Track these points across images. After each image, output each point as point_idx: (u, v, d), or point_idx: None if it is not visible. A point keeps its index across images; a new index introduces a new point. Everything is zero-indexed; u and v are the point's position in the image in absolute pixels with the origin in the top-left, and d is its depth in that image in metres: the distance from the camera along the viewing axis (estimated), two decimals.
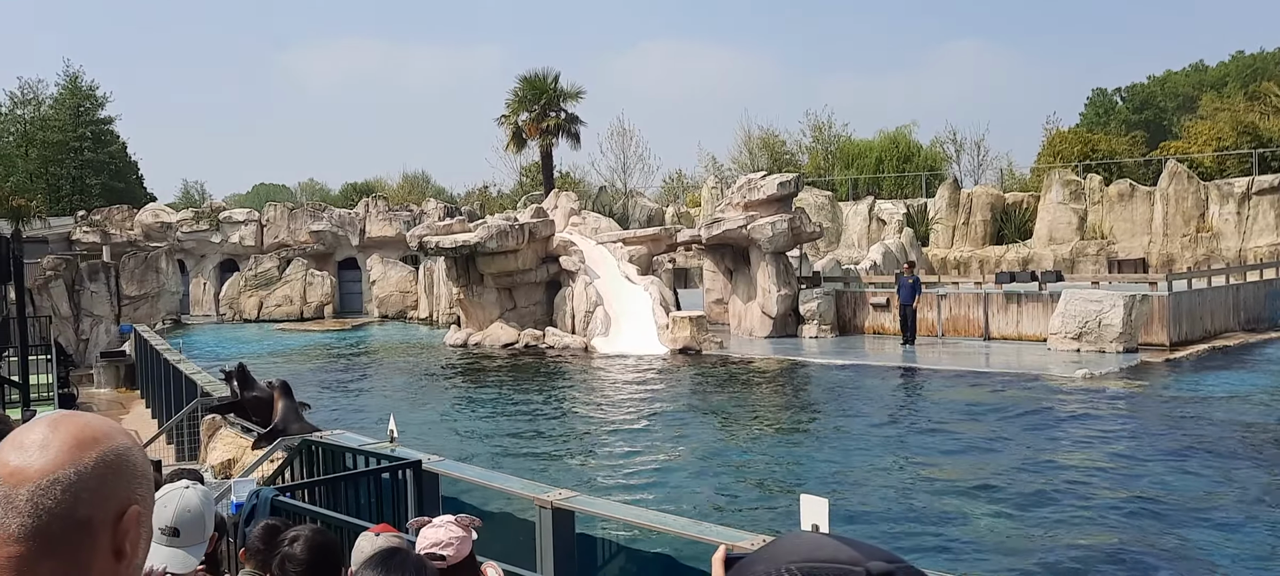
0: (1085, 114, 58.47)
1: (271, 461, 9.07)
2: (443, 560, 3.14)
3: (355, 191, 53.19)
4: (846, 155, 45.24)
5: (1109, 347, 18.97)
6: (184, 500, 2.68)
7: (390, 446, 7.52)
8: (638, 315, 24.40)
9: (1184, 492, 9.98)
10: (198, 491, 2.76)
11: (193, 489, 2.77)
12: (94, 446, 1.20)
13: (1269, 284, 22.91)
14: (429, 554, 3.14)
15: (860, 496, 10.24)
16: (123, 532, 1.20)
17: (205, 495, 2.80)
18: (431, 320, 34.09)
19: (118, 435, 1.25)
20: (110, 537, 1.18)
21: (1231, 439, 12.26)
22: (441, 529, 3.25)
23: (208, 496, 2.84)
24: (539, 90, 41.45)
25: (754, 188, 25.17)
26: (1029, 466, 11.21)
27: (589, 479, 11.42)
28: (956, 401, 15.51)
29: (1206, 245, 31.55)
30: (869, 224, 37.89)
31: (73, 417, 1.24)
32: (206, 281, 39.50)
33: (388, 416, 8.49)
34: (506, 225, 26.25)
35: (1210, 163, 34.30)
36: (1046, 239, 34.51)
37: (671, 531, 5.84)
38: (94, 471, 1.18)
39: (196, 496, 2.73)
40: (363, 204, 40.83)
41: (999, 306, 22.26)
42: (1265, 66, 50.77)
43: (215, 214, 40.54)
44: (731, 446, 13.17)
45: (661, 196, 49.48)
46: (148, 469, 1.29)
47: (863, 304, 24.73)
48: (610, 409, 16.41)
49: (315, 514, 5.92)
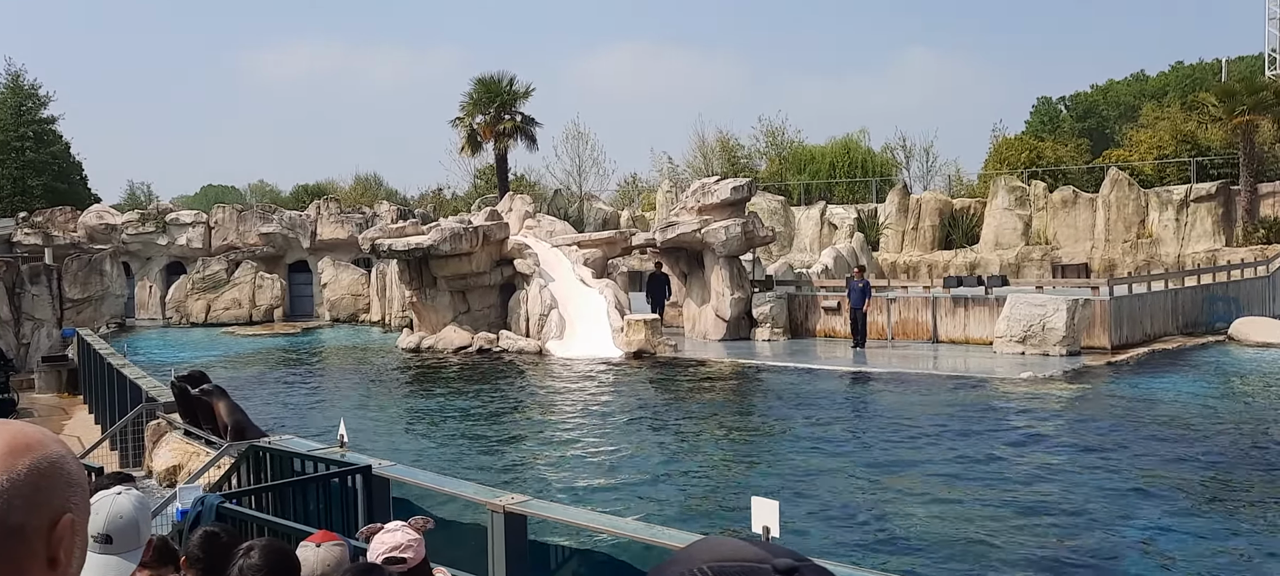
0: (1031, 122, 59.54)
1: (217, 467, 8.97)
2: (403, 563, 3.15)
3: (307, 193, 52.50)
4: (799, 160, 45.63)
5: (1052, 351, 19.39)
6: (116, 506, 2.56)
7: (340, 451, 7.47)
8: (592, 318, 24.42)
9: (1121, 493, 10.25)
10: (131, 496, 2.70)
11: (125, 494, 2.69)
12: (26, 454, 1.20)
13: (1206, 289, 23.56)
14: (389, 559, 3.14)
15: (811, 498, 10.37)
16: (57, 541, 1.20)
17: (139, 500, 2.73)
18: (384, 323, 33.81)
19: (51, 443, 1.25)
20: (44, 546, 1.19)
21: (1170, 439, 12.61)
22: (398, 533, 3.25)
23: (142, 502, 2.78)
24: (494, 93, 41.31)
25: (708, 192, 25.33)
26: (974, 467, 11.44)
27: (542, 483, 11.43)
28: (905, 404, 15.76)
29: (1146, 251, 32.35)
30: (821, 228, 38.30)
31: (5, 425, 1.23)
32: (152, 284, 38.77)
33: (338, 421, 8.44)
34: (460, 228, 26.13)
35: (1150, 170, 35.19)
36: (993, 244, 35.16)
37: (624, 535, 5.89)
38: (27, 479, 1.18)
39: (129, 502, 2.66)
40: (314, 206, 40.34)
41: (947, 310, 22.65)
42: (1203, 77, 52.11)
43: (162, 215, 39.79)
44: (684, 449, 13.25)
45: (617, 200, 49.53)
46: (82, 478, 1.29)
47: (815, 307, 25.01)
48: (564, 412, 16.42)
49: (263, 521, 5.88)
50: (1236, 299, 23.59)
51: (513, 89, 41.59)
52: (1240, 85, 34.69)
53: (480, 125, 41.52)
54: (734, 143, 46.92)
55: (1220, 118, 33.87)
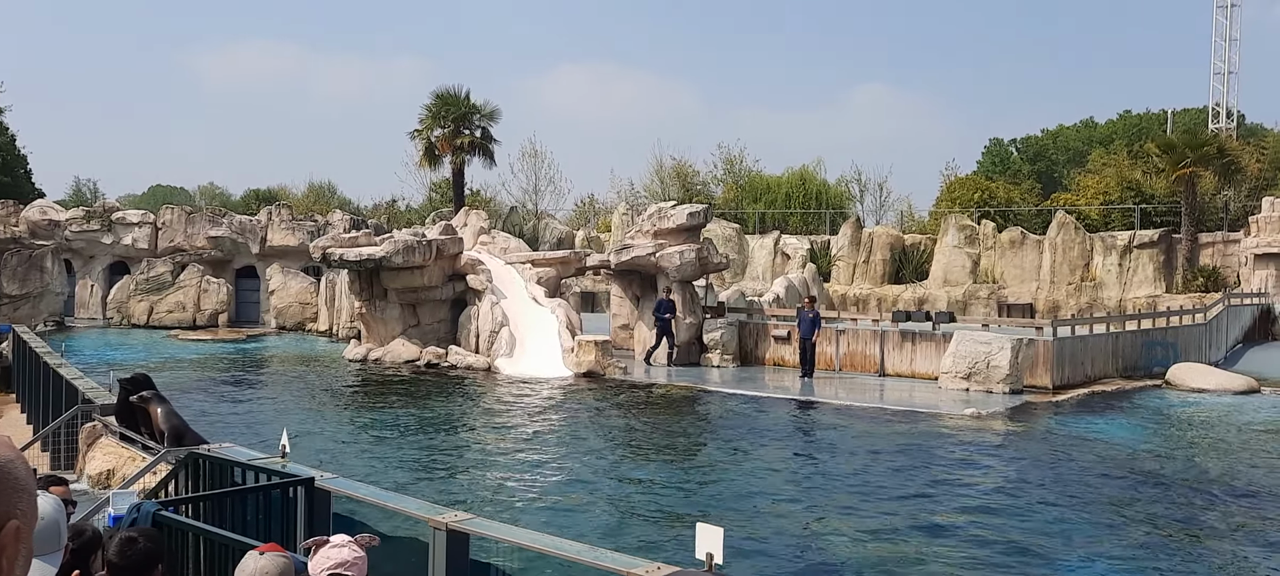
0: (982, 162, 60.74)
1: (154, 474, 8.78)
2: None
3: (258, 198, 51.85)
4: (755, 189, 46.06)
5: (996, 388, 19.70)
6: None
7: (282, 462, 7.36)
8: (543, 337, 24.34)
9: (1057, 529, 10.43)
10: (48, 499, 2.70)
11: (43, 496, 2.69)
12: None
13: (1145, 333, 24.11)
14: (333, 574, 3.11)
15: (755, 525, 10.41)
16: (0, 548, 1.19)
17: (57, 504, 2.73)
18: (331, 333, 33.39)
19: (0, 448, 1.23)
20: None
21: (1107, 480, 12.86)
22: (344, 548, 3.21)
23: (60, 505, 2.78)
24: (453, 106, 41.18)
25: (664, 216, 25.43)
26: (913, 499, 11.56)
27: (486, 501, 11.34)
28: (850, 434, 15.90)
29: (1090, 293, 33.08)
30: (774, 257, 38.63)
31: None
32: (94, 283, 37.92)
33: (281, 431, 8.31)
34: (414, 240, 25.93)
35: (1096, 215, 36.06)
36: (941, 280, 35.71)
37: (567, 556, 5.86)
38: None
39: (48, 503, 2.66)
40: (265, 211, 39.79)
41: (894, 344, 22.93)
42: (1149, 126, 53.58)
43: (107, 214, 38.97)
44: (631, 473, 13.23)
45: (573, 220, 49.55)
46: (31, 483, 1.27)
47: (765, 336, 25.17)
48: (511, 430, 16.32)
49: (199, 530, 5.77)
50: (1175, 344, 24.17)
51: (471, 103, 41.49)
52: (1184, 137, 35.77)
53: (439, 138, 41.36)
54: (689, 169, 47.23)
55: (1164, 168, 34.85)
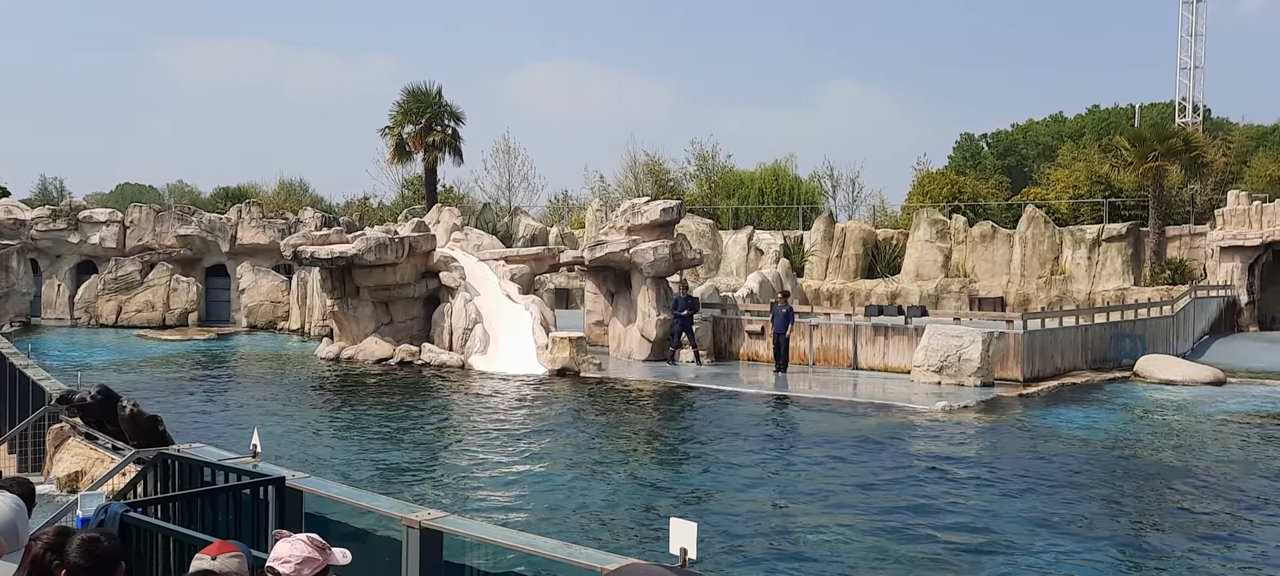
0: (953, 157, 61.21)
1: (122, 475, 8.68)
2: None
3: (228, 196, 51.33)
4: (729, 185, 46.17)
5: (967, 381, 19.88)
6: None
7: (253, 462, 7.29)
8: (517, 334, 24.29)
9: (1025, 519, 10.54)
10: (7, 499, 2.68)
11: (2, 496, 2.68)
12: None
13: (1114, 326, 24.40)
14: (271, 567, 3.13)
15: (729, 520, 10.45)
16: None
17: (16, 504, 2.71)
18: (303, 331, 33.15)
19: None
20: None
21: (1074, 468, 13.02)
22: (292, 544, 3.22)
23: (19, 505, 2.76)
24: (424, 103, 40.98)
25: (638, 212, 25.44)
26: (884, 491, 11.65)
27: (460, 499, 11.31)
28: (824, 428, 15.99)
29: (1060, 287, 33.43)
30: (748, 253, 38.75)
31: None
32: (61, 283, 37.43)
33: (252, 430, 8.24)
34: (386, 238, 25.78)
35: (1066, 209, 36.45)
36: (914, 274, 35.97)
37: (542, 554, 5.85)
38: None
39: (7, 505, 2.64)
40: (236, 210, 39.41)
41: (867, 338, 23.08)
42: (1118, 121, 54.21)
43: (74, 212, 38.46)
44: (605, 469, 13.24)
45: (546, 216, 49.43)
46: None
47: (739, 331, 25.26)
48: (485, 428, 16.28)
49: (169, 531, 5.71)
50: (1143, 337, 24.49)
51: (443, 100, 41.31)
52: (1151, 131, 36.20)
53: (410, 135, 41.15)
54: (662, 166, 47.26)
55: (1132, 162, 35.27)
